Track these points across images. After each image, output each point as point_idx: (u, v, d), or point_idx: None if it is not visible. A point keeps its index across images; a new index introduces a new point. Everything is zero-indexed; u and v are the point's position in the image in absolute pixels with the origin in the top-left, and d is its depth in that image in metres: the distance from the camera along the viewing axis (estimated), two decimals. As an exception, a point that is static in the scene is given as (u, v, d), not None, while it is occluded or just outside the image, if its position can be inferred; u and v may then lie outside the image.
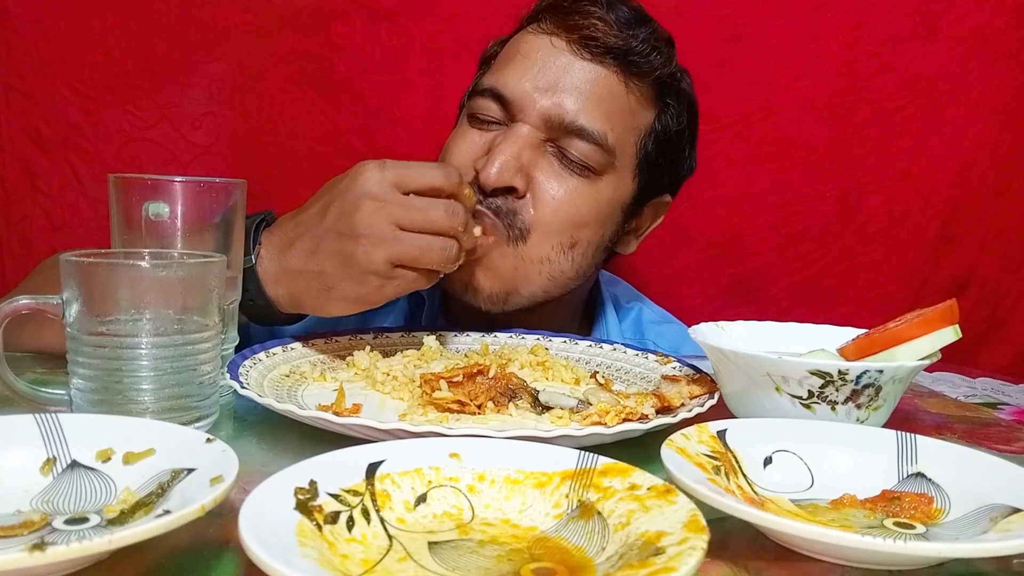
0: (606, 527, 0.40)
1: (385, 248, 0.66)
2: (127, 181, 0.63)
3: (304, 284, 0.69)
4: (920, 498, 0.47)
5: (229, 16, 1.24)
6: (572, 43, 0.81)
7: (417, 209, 0.67)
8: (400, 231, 0.66)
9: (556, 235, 0.81)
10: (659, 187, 0.91)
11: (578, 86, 0.80)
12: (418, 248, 0.67)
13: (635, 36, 0.81)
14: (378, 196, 0.66)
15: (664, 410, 0.60)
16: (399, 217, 0.66)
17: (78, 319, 0.53)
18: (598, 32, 0.80)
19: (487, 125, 0.84)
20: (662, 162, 0.88)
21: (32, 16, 1.22)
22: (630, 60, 0.81)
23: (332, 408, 0.58)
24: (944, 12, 1.23)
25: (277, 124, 1.27)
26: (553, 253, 0.82)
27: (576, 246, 0.83)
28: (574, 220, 0.82)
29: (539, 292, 0.85)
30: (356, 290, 0.67)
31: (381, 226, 0.65)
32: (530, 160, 0.80)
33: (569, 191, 0.81)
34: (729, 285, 1.33)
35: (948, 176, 1.28)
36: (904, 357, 0.60)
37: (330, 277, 0.67)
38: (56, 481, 0.44)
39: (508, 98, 0.81)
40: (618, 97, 0.81)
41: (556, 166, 0.81)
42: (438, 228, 0.67)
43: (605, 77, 0.81)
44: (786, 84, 1.26)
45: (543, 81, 0.80)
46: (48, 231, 1.27)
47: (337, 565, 0.36)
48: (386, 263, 0.66)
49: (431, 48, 1.26)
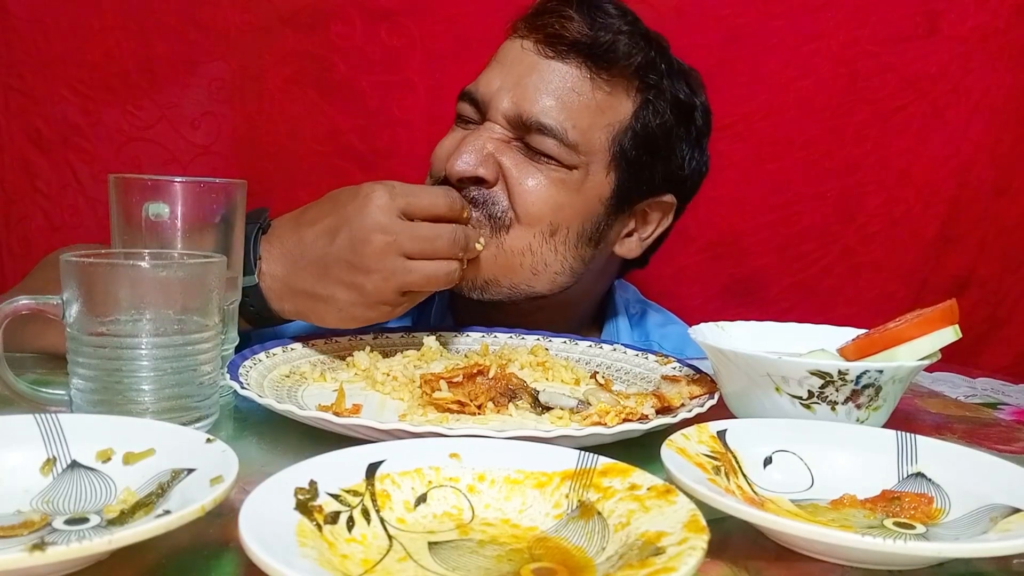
0: (606, 527, 0.40)
1: (396, 280, 0.69)
2: (127, 181, 0.63)
3: (312, 305, 0.72)
4: (920, 498, 0.47)
5: (229, 16, 1.24)
6: (539, 43, 0.84)
7: (424, 239, 0.70)
8: (409, 261, 0.69)
9: (536, 223, 0.83)
10: (651, 185, 0.90)
11: (539, 85, 0.83)
12: (425, 276, 0.70)
13: (605, 28, 0.83)
14: (388, 229, 0.68)
15: (664, 410, 0.60)
16: (408, 249, 0.69)
17: (78, 319, 0.53)
18: (564, 30, 0.83)
19: (467, 125, 0.88)
20: (646, 158, 0.87)
21: (32, 16, 1.22)
22: (595, 54, 0.83)
23: (332, 408, 0.58)
24: (944, 12, 1.23)
25: (277, 124, 1.27)
26: (535, 242, 0.83)
27: (557, 234, 0.84)
28: (550, 205, 0.83)
29: (522, 285, 0.85)
30: (366, 314, 0.71)
31: (392, 260, 0.68)
32: (497, 151, 0.83)
33: (540, 181, 0.83)
34: (729, 285, 1.33)
35: (948, 176, 1.28)
36: (904, 357, 0.60)
37: (340, 302, 0.70)
38: (56, 481, 0.44)
39: (478, 99, 0.86)
40: (582, 94, 0.83)
41: (524, 158, 0.83)
42: (445, 255, 0.71)
43: (568, 74, 0.83)
44: (786, 84, 1.26)
45: (509, 82, 0.84)
46: (48, 231, 1.27)
47: (337, 565, 0.36)
48: (396, 293, 0.70)
49: (431, 48, 1.26)
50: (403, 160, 1.28)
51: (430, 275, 0.70)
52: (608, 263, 0.95)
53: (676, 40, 0.90)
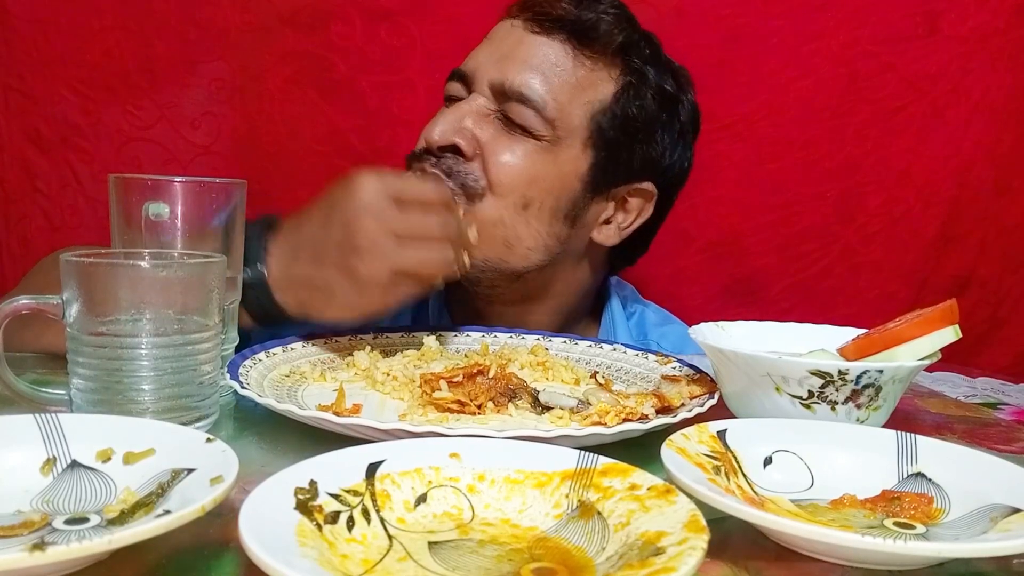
0: (606, 527, 0.40)
1: (387, 260, 0.68)
2: (127, 181, 0.63)
3: (309, 293, 0.71)
4: (920, 498, 0.47)
5: (229, 16, 1.24)
6: (526, 20, 0.87)
7: (415, 221, 0.69)
8: (400, 242, 0.68)
9: (508, 194, 0.84)
10: (629, 169, 0.90)
11: (524, 57, 0.85)
12: (417, 257, 0.69)
13: (590, 8, 0.86)
14: (376, 210, 0.68)
15: (664, 410, 0.60)
16: (398, 228, 0.68)
17: (78, 319, 0.53)
18: (550, 7, 0.86)
19: (453, 102, 0.90)
20: (624, 140, 0.89)
21: (32, 16, 1.22)
22: (578, 30, 0.86)
23: (332, 408, 0.58)
24: (944, 12, 1.23)
25: (277, 124, 1.27)
26: (507, 214, 0.85)
27: (529, 207, 0.85)
28: (523, 178, 0.85)
29: (494, 259, 0.86)
30: (360, 300, 0.70)
31: (382, 239, 0.68)
32: (476, 124, 0.85)
33: (515, 153, 0.85)
34: (729, 285, 1.33)
35: (948, 176, 1.28)
36: (904, 357, 0.60)
37: (335, 288, 0.70)
38: (56, 481, 0.44)
39: (466, 72, 0.88)
40: (564, 69, 0.86)
41: (502, 131, 0.85)
42: (435, 236, 0.70)
43: (552, 48, 0.86)
44: (786, 84, 1.26)
45: (496, 55, 0.87)
46: (48, 231, 1.27)
47: (337, 565, 0.36)
48: (388, 273, 0.68)
49: (431, 48, 1.25)
50: (403, 160, 1.28)
51: (424, 258, 0.70)
52: (590, 251, 0.95)
53: (676, 40, 0.90)
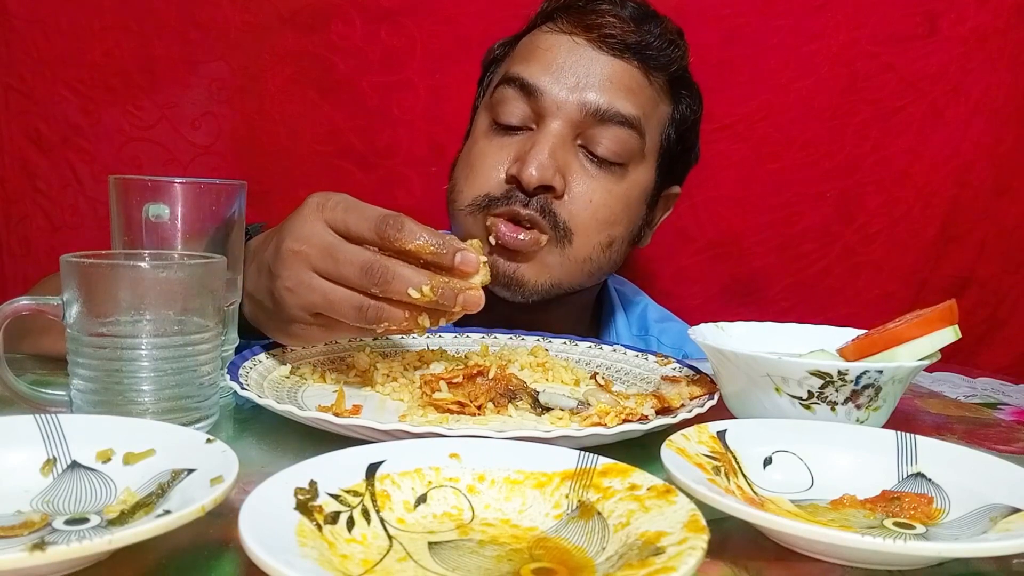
0: (606, 527, 0.40)
1: (300, 294, 0.60)
2: (127, 182, 0.63)
3: (256, 311, 0.68)
4: (920, 498, 0.47)
5: (229, 16, 1.24)
6: (592, 41, 0.85)
7: (332, 258, 0.59)
8: (316, 278, 0.60)
9: (595, 236, 0.86)
10: (673, 177, 0.96)
11: (607, 78, 0.84)
12: (328, 300, 0.59)
13: (650, 32, 0.86)
14: (303, 238, 0.60)
15: (664, 411, 0.60)
16: (316, 264, 0.59)
17: (78, 320, 0.53)
18: (615, 30, 0.84)
19: (513, 131, 0.86)
20: (679, 153, 0.93)
21: (32, 16, 1.22)
22: (648, 55, 0.86)
23: (332, 409, 0.58)
24: (944, 12, 1.23)
25: (277, 124, 1.27)
26: (594, 253, 0.87)
27: (612, 244, 0.88)
28: (608, 220, 0.86)
29: (577, 287, 0.90)
30: (285, 328, 0.65)
31: (298, 271, 0.60)
32: (563, 160, 0.83)
33: (601, 192, 0.85)
34: (729, 285, 1.33)
35: (948, 176, 1.28)
36: (904, 357, 0.60)
37: (266, 310, 0.65)
38: (56, 481, 0.45)
39: (538, 89, 0.84)
40: (644, 87, 0.86)
41: (586, 165, 0.85)
42: (350, 282, 0.59)
43: (629, 70, 0.85)
44: (786, 84, 1.26)
45: (572, 77, 0.84)
46: (48, 231, 1.27)
47: (337, 565, 0.36)
48: (300, 310, 0.61)
49: (431, 48, 1.25)
50: (403, 160, 1.28)
51: (334, 301, 0.59)
52: None
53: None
